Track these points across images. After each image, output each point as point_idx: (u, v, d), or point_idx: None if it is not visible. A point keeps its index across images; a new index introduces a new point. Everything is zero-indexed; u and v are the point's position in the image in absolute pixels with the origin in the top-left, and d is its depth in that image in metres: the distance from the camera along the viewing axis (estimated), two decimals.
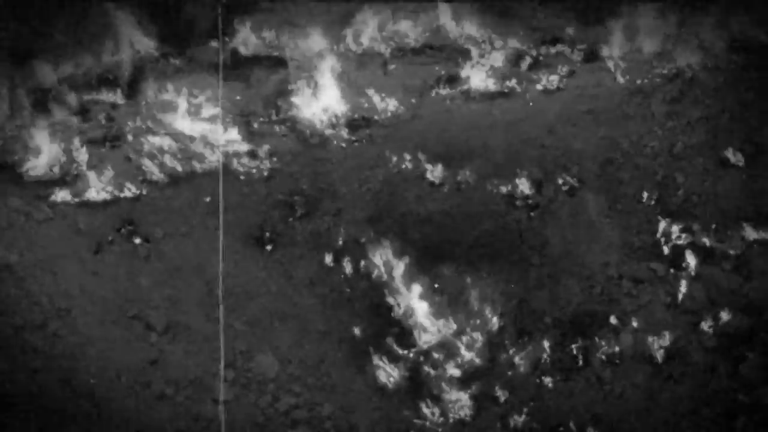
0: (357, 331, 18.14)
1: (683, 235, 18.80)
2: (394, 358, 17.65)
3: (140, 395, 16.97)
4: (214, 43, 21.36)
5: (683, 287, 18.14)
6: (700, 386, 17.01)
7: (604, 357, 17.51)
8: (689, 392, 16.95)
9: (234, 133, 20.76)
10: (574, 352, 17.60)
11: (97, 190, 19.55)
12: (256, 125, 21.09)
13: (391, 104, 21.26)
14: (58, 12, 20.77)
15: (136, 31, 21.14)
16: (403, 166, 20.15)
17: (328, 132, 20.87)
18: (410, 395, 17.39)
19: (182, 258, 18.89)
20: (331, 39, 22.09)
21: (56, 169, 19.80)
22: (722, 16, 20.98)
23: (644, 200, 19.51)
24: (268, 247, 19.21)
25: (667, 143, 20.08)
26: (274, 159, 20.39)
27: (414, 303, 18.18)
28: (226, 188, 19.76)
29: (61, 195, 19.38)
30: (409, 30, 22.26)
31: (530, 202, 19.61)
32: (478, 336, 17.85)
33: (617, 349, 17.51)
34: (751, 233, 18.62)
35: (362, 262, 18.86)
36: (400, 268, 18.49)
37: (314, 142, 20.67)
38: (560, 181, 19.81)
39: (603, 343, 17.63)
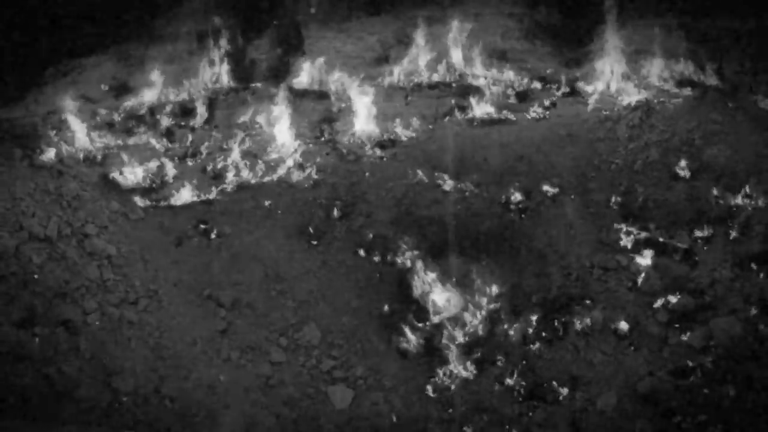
0: (384, 308, 19.18)
1: (642, 233, 19.77)
2: (413, 329, 18.73)
3: (212, 358, 17.96)
4: (272, 80, 22.68)
5: (642, 274, 19.13)
6: (655, 352, 18.12)
7: (579, 330, 18.54)
8: (646, 357, 18.07)
9: (288, 151, 21.88)
10: (556, 325, 18.64)
11: (179, 195, 20.71)
12: (305, 145, 22.15)
13: (411, 129, 22.37)
14: (153, 56, 22.22)
15: (211, 70, 22.67)
16: (421, 178, 21.01)
17: (361, 151, 21.90)
18: (426, 359, 18.44)
19: (246, 250, 19.72)
20: (364, 77, 23.46)
21: (147, 179, 21.01)
22: (670, 61, 22.63)
23: (611, 205, 20.45)
24: (314, 242, 20.14)
25: (629, 160, 21.09)
26: (319, 172, 21.34)
27: (429, 286, 19.23)
28: (281, 194, 20.99)
29: (151, 199, 20.49)
30: (427, 70, 23.59)
31: (521, 206, 20.56)
32: (479, 312, 18.97)
33: (589, 323, 18.53)
34: (695, 231, 19.73)
35: (388, 254, 19.85)
36: (417, 258, 19.54)
37: (350, 159, 21.68)
38: (545, 190, 20.78)
39: (578, 318, 18.67)
